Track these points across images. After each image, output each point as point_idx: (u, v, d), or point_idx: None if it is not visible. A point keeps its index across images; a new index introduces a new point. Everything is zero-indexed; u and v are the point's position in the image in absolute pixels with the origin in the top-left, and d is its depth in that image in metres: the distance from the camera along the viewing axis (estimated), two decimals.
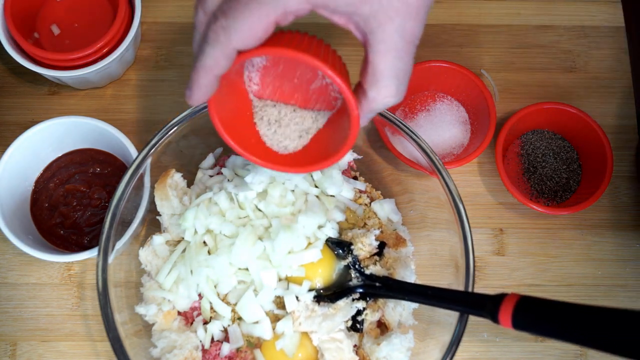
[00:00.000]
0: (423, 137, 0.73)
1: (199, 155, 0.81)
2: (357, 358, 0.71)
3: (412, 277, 0.74)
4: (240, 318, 0.71)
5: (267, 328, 0.69)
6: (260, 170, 0.71)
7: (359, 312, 0.70)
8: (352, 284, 0.71)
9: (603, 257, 0.85)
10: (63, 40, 0.86)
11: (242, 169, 0.75)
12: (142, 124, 0.88)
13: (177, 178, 0.75)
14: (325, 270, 0.71)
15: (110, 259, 0.68)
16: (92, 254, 0.74)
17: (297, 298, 0.69)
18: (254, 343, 0.71)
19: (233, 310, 0.71)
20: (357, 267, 0.71)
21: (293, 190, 0.72)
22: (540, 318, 0.54)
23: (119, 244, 0.70)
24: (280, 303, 0.71)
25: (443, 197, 0.71)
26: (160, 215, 0.75)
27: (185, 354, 0.69)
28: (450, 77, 0.86)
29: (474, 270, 0.68)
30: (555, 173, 0.86)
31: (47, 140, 0.79)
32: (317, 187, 0.74)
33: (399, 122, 0.73)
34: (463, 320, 0.65)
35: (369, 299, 0.71)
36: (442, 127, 0.87)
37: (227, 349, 0.71)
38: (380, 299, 0.72)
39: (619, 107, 0.90)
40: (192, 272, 0.70)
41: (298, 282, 0.70)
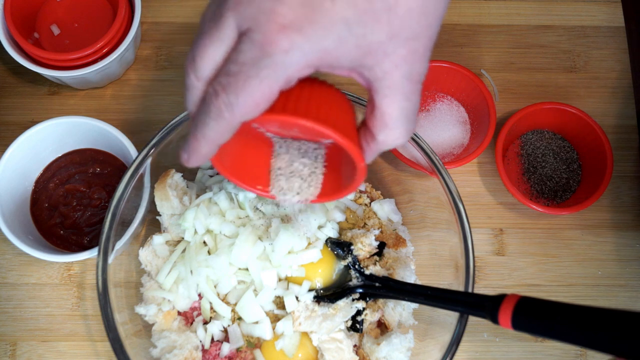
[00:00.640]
0: (423, 137, 0.73)
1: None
2: (357, 358, 0.71)
3: (412, 277, 0.74)
4: (240, 318, 0.71)
5: (267, 328, 0.69)
6: None
7: (359, 312, 0.70)
8: (352, 284, 0.71)
9: (603, 257, 0.85)
10: (63, 40, 0.86)
11: None
12: (142, 124, 0.88)
13: (177, 178, 0.75)
14: (325, 271, 0.71)
15: (110, 259, 0.68)
16: (92, 254, 0.74)
17: (297, 298, 0.69)
18: (254, 343, 0.71)
19: (233, 310, 0.71)
20: (356, 267, 0.71)
21: None
22: (540, 319, 0.54)
23: (119, 244, 0.70)
24: (280, 303, 0.71)
25: (443, 197, 0.71)
26: (160, 215, 0.75)
27: (185, 354, 0.69)
28: (450, 77, 0.86)
29: (474, 270, 0.68)
30: (555, 173, 0.85)
31: (47, 140, 0.79)
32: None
33: None
34: (463, 321, 0.65)
35: (369, 299, 0.71)
36: (442, 127, 0.87)
37: (227, 349, 0.71)
38: (380, 299, 0.72)
39: (619, 107, 0.90)
40: (192, 272, 0.70)
41: (298, 282, 0.70)
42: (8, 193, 0.76)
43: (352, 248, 0.72)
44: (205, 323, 0.72)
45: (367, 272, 0.71)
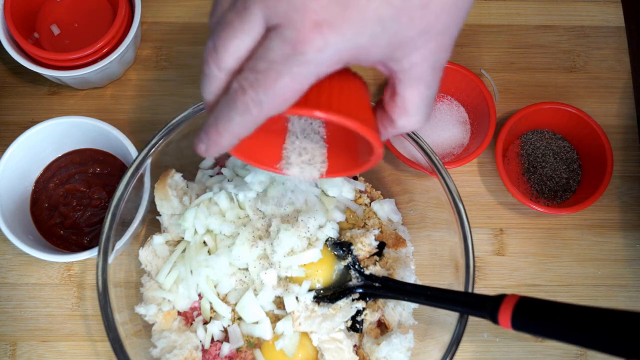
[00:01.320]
0: (423, 137, 0.73)
1: (199, 155, 0.81)
2: (357, 358, 0.71)
3: (411, 277, 0.74)
4: (240, 318, 0.71)
5: (267, 328, 0.69)
6: (260, 170, 0.71)
7: (359, 312, 0.70)
8: (351, 284, 0.71)
9: (603, 257, 0.85)
10: (63, 40, 0.86)
11: (242, 169, 0.75)
12: (142, 124, 0.87)
13: (177, 178, 0.75)
14: (325, 271, 0.71)
15: (110, 259, 0.68)
16: (92, 254, 0.74)
17: (296, 298, 0.69)
18: (254, 343, 0.71)
19: (233, 310, 0.71)
20: (356, 267, 0.71)
21: (293, 191, 0.72)
22: (540, 319, 0.54)
23: (119, 244, 0.70)
24: (280, 303, 0.71)
25: (443, 197, 0.71)
26: (160, 215, 0.75)
27: (185, 354, 0.69)
28: (450, 77, 0.86)
29: (474, 270, 0.68)
30: (555, 173, 0.85)
31: (47, 140, 0.79)
32: (317, 187, 0.74)
33: None
34: (463, 321, 0.65)
35: (369, 299, 0.71)
36: (442, 127, 0.87)
37: (227, 349, 0.71)
38: (380, 299, 0.72)
39: (619, 107, 0.90)
40: (192, 272, 0.70)
41: (298, 282, 0.70)
42: (8, 193, 0.76)
43: (351, 248, 0.72)
44: (205, 323, 0.72)
45: (367, 272, 0.71)
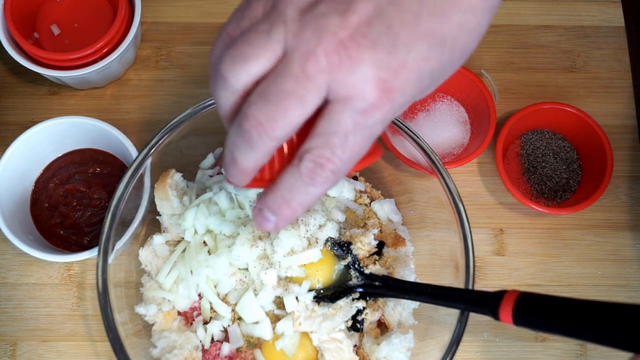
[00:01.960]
0: (423, 137, 0.73)
1: (199, 155, 0.81)
2: (357, 358, 0.71)
3: (411, 276, 0.74)
4: (240, 318, 0.71)
5: (267, 328, 0.69)
6: None
7: (359, 311, 0.70)
8: (351, 284, 0.71)
9: (603, 257, 0.85)
10: (63, 40, 0.86)
11: None
12: (142, 124, 0.87)
13: (177, 178, 0.75)
14: (325, 270, 0.71)
15: (110, 259, 0.68)
16: (92, 254, 0.74)
17: (296, 298, 0.69)
18: (254, 343, 0.71)
19: (233, 310, 0.71)
20: (356, 266, 0.71)
21: None
22: (541, 314, 0.54)
23: (119, 244, 0.70)
24: (281, 303, 0.71)
25: (443, 197, 0.71)
26: (160, 215, 0.75)
27: (185, 354, 0.69)
28: (451, 77, 0.85)
29: (474, 270, 0.68)
30: (555, 173, 0.85)
31: (47, 140, 0.79)
32: None
33: (399, 122, 0.73)
34: (463, 320, 0.65)
35: (369, 299, 0.71)
36: (442, 127, 0.87)
37: (227, 349, 0.71)
38: (380, 299, 0.72)
39: (619, 107, 0.90)
40: (192, 272, 0.70)
41: (298, 282, 0.70)
42: (8, 193, 0.76)
43: (351, 247, 0.72)
44: (205, 323, 0.72)
45: (366, 271, 0.71)
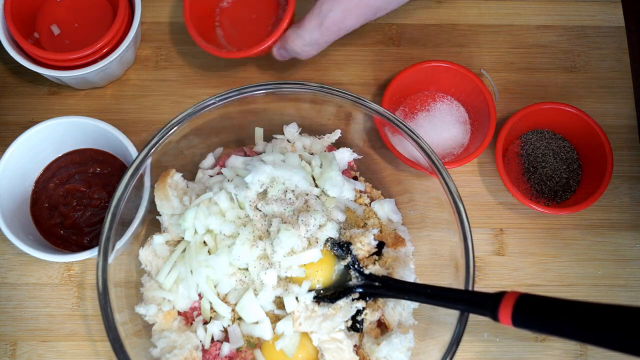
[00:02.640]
0: (423, 137, 0.73)
1: (199, 155, 0.81)
2: (357, 358, 0.71)
3: (411, 276, 0.74)
4: (240, 318, 0.71)
5: (267, 328, 0.69)
6: (261, 170, 0.71)
7: (359, 312, 0.70)
8: (351, 284, 0.71)
9: (603, 257, 0.85)
10: (63, 40, 0.86)
11: (242, 169, 0.75)
12: (142, 124, 0.88)
13: (177, 178, 0.75)
14: (325, 271, 0.71)
15: (110, 259, 0.68)
16: (92, 254, 0.74)
17: (296, 299, 0.69)
18: (254, 343, 0.71)
19: (233, 310, 0.71)
20: (356, 266, 0.71)
21: (293, 191, 0.72)
22: (540, 315, 0.54)
23: (119, 244, 0.70)
24: (281, 303, 0.71)
25: (443, 197, 0.71)
26: (160, 215, 0.75)
27: (185, 354, 0.69)
28: (450, 77, 0.86)
29: (474, 270, 0.68)
30: (555, 173, 0.86)
31: (47, 140, 0.79)
32: (317, 187, 0.74)
33: (399, 122, 0.73)
34: (463, 320, 0.65)
35: (369, 299, 0.71)
36: (442, 127, 0.87)
37: (227, 349, 0.71)
38: (380, 299, 0.72)
39: (619, 107, 0.90)
40: (192, 272, 0.70)
41: (298, 282, 0.70)
42: (8, 193, 0.76)
43: (351, 248, 0.72)
44: (205, 323, 0.72)
45: (366, 271, 0.71)
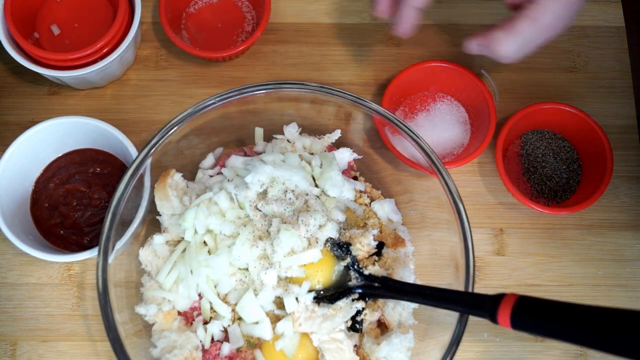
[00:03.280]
0: (423, 137, 0.73)
1: (199, 155, 0.81)
2: (357, 358, 0.71)
3: (411, 277, 0.74)
4: (240, 318, 0.71)
5: (267, 328, 0.69)
6: (261, 170, 0.71)
7: (359, 312, 0.70)
8: (351, 284, 0.71)
9: (603, 257, 0.85)
10: (63, 40, 0.86)
11: (242, 169, 0.75)
12: (142, 124, 0.87)
13: (177, 178, 0.75)
14: (325, 271, 0.71)
15: (110, 259, 0.68)
16: (92, 254, 0.74)
17: (296, 299, 0.69)
18: (254, 343, 0.71)
19: (233, 310, 0.71)
20: (356, 267, 0.71)
21: (293, 191, 0.72)
22: (539, 318, 0.54)
23: (119, 244, 0.70)
24: (281, 303, 0.71)
25: (443, 197, 0.71)
26: (160, 215, 0.75)
27: (185, 354, 0.69)
28: (451, 77, 0.86)
29: (474, 270, 0.68)
30: (555, 173, 0.86)
31: (47, 140, 0.79)
32: (317, 187, 0.74)
33: (399, 122, 0.73)
34: (463, 320, 0.65)
35: (368, 299, 0.71)
36: (442, 127, 0.87)
37: (227, 349, 0.71)
38: (380, 299, 0.72)
39: (619, 107, 0.90)
40: (192, 272, 0.70)
41: (298, 282, 0.70)
42: (8, 193, 0.76)
43: (350, 248, 0.72)
44: (205, 323, 0.72)
45: (366, 272, 0.71)
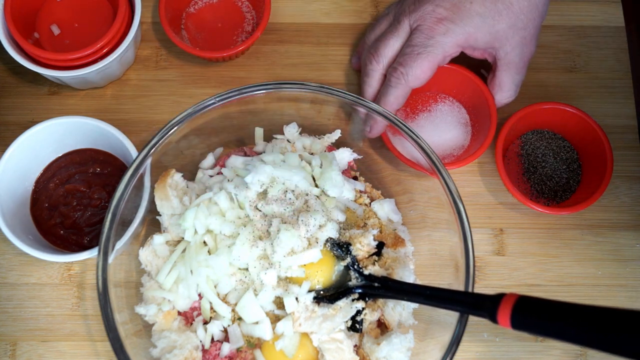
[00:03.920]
0: (424, 137, 0.73)
1: (199, 155, 0.81)
2: (357, 358, 0.71)
3: (411, 277, 0.74)
4: (240, 318, 0.71)
5: (267, 328, 0.69)
6: (261, 170, 0.71)
7: (359, 312, 0.70)
8: (351, 284, 0.71)
9: (603, 257, 0.85)
10: (63, 40, 0.86)
11: (242, 169, 0.75)
12: (142, 124, 0.87)
13: (177, 178, 0.75)
14: (325, 271, 0.71)
15: (110, 259, 0.68)
16: (92, 254, 0.74)
17: (296, 299, 0.69)
18: (254, 343, 0.71)
19: (233, 310, 0.71)
20: (356, 267, 0.71)
21: (293, 191, 0.72)
22: (539, 318, 0.54)
23: (119, 244, 0.70)
24: (281, 303, 0.71)
25: (443, 197, 0.71)
26: (160, 215, 0.75)
27: (185, 354, 0.69)
28: (451, 77, 0.85)
29: (474, 270, 0.68)
30: (555, 173, 0.85)
31: (47, 140, 0.79)
32: (317, 186, 0.74)
33: (400, 122, 0.73)
34: (463, 320, 0.65)
35: (368, 299, 0.71)
36: (443, 128, 0.87)
37: (227, 349, 0.71)
38: (380, 299, 0.72)
39: (619, 107, 0.90)
40: (192, 272, 0.70)
41: (298, 282, 0.70)
42: (8, 193, 0.76)
43: (350, 248, 0.72)
44: (205, 323, 0.72)
45: (366, 272, 0.71)
